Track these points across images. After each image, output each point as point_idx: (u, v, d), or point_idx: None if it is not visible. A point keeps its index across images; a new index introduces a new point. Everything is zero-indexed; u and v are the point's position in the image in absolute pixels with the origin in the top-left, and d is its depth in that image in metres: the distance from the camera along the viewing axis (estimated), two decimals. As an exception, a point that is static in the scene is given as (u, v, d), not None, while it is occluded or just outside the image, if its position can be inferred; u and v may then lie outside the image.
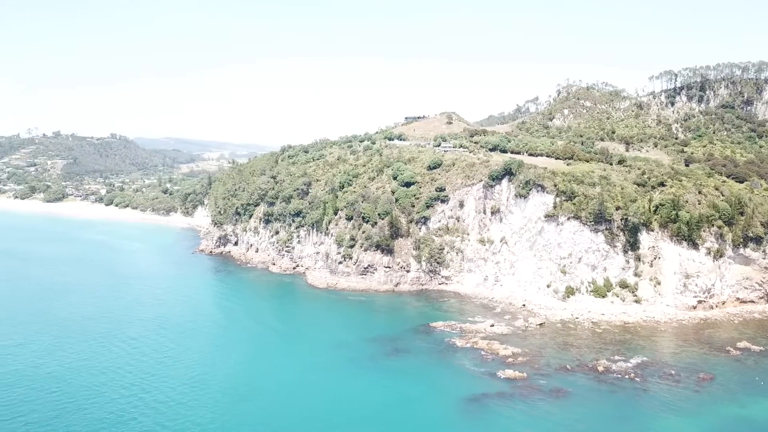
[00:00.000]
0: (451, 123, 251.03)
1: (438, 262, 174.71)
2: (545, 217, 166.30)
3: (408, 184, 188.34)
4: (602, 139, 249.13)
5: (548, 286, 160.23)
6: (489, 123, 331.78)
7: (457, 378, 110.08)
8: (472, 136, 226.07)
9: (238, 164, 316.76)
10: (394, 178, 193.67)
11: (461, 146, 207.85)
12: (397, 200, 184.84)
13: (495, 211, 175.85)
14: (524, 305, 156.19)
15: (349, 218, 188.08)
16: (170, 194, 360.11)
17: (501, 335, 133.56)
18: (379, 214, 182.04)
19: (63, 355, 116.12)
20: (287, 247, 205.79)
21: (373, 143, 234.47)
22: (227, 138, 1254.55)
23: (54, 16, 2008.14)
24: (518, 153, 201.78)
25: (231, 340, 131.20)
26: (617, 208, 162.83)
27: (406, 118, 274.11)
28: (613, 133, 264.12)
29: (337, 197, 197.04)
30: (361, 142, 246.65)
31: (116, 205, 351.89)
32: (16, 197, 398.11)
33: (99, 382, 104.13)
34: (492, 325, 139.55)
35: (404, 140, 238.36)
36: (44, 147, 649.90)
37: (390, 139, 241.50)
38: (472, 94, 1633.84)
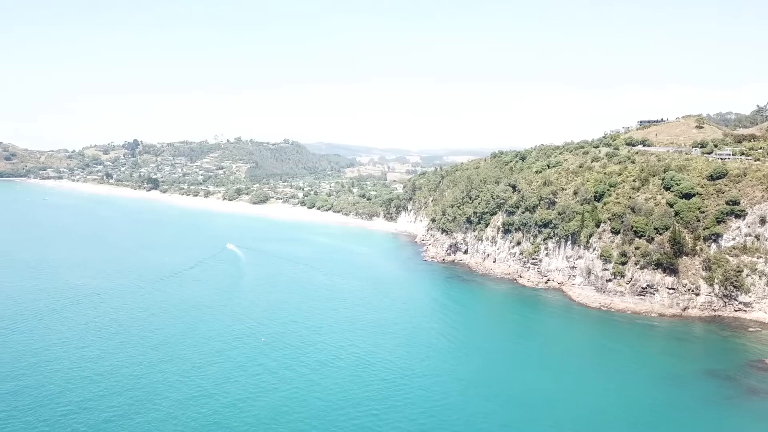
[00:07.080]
0: (702, 127, 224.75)
1: (735, 286, 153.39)
2: None
3: (688, 196, 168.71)
4: None
5: None
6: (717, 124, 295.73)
7: None
8: (739, 142, 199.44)
9: (445, 170, 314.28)
10: (666, 189, 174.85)
11: (742, 153, 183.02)
12: (677, 213, 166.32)
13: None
14: None
15: (616, 232, 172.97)
16: (368, 199, 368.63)
17: None
18: (655, 228, 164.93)
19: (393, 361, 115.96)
20: (533, 259, 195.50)
21: (617, 149, 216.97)
22: (371, 143, 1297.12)
23: (225, 28, 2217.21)
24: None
25: (543, 363, 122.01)
26: None
27: (640, 122, 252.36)
28: None
29: (596, 208, 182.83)
30: (595, 147, 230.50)
31: (318, 208, 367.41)
32: (225, 199, 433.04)
33: (460, 390, 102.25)
34: None
35: (648, 146, 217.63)
36: (228, 152, 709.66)
37: (632, 144, 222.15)
38: (673, 96, 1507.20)
